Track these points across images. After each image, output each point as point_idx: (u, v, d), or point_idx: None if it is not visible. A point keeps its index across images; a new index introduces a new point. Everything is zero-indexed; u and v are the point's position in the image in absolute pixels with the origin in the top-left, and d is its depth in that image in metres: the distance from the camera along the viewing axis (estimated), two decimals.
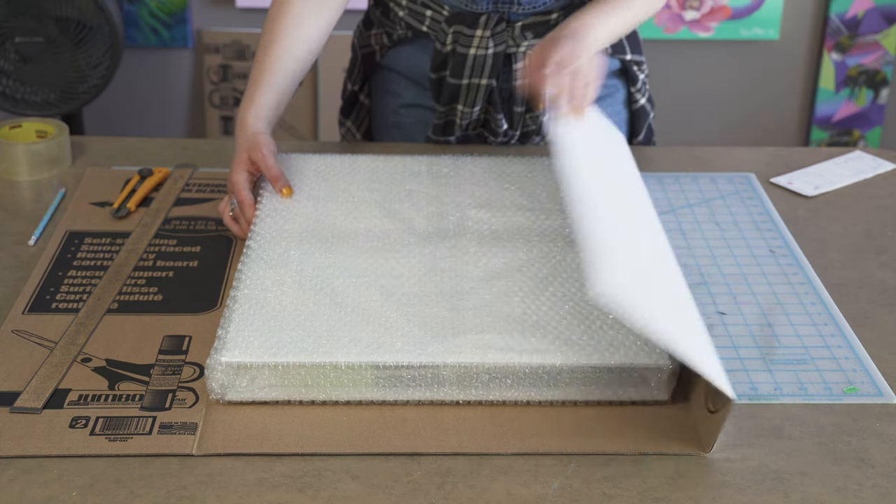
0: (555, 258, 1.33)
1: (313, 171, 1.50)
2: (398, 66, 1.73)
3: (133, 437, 1.10)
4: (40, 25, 2.69)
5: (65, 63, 2.74)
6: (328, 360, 1.15)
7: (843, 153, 1.74)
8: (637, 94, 1.75)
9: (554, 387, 1.16)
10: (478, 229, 1.39)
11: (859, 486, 1.08)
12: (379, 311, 1.22)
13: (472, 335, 1.19)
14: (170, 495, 1.04)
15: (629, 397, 1.17)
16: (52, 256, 1.40)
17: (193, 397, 1.16)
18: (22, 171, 1.61)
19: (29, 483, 1.05)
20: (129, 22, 3.12)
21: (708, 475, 1.09)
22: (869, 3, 3.12)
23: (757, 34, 3.13)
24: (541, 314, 1.22)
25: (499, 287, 1.27)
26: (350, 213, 1.41)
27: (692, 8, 3.09)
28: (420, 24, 1.66)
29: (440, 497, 1.05)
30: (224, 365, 1.14)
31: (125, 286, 1.34)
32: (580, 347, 1.17)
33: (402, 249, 1.34)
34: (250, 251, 1.32)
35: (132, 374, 1.19)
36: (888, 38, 3.17)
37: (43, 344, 1.23)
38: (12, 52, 2.71)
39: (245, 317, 1.20)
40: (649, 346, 1.17)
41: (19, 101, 2.77)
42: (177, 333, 1.26)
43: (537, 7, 1.62)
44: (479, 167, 1.54)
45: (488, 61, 1.62)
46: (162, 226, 1.47)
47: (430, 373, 1.15)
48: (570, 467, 1.09)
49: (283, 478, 1.07)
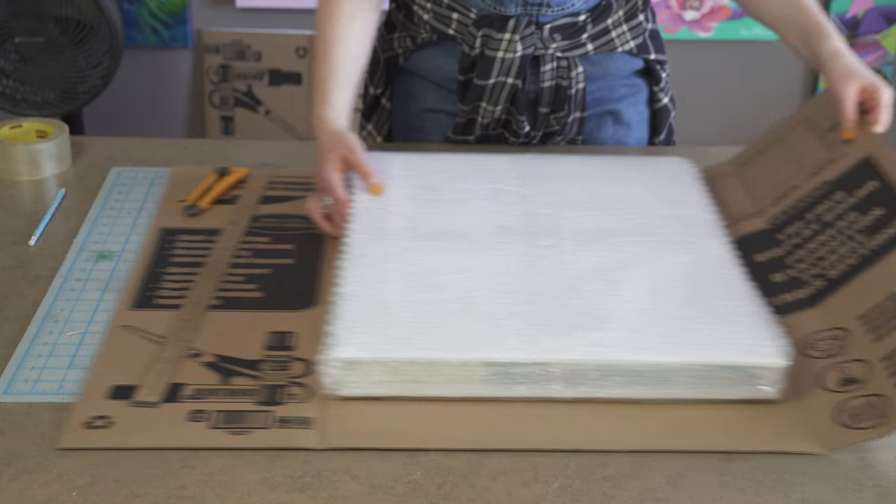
0: (652, 257, 1.32)
1: (399, 170, 1.50)
2: (422, 69, 1.72)
3: (253, 431, 1.12)
4: (40, 25, 2.69)
5: (65, 63, 2.74)
6: (440, 356, 1.15)
7: None
8: (660, 94, 1.75)
9: (664, 385, 1.16)
10: (572, 227, 1.38)
11: (859, 486, 1.08)
12: (486, 308, 1.22)
13: (582, 333, 1.18)
14: (170, 495, 1.04)
15: (740, 396, 1.17)
16: (149, 253, 1.41)
17: (306, 392, 1.17)
18: (22, 171, 1.61)
19: (29, 483, 1.05)
20: (129, 22, 3.12)
21: (708, 475, 1.09)
22: (869, 3, 3.12)
23: (757, 34, 3.13)
24: (649, 312, 1.22)
25: (603, 285, 1.27)
26: (443, 211, 1.41)
27: (692, 8, 3.09)
28: (446, 27, 1.65)
29: (440, 497, 1.05)
30: (337, 361, 1.14)
31: (224, 283, 1.36)
32: (692, 346, 1.17)
33: (501, 247, 1.34)
34: (349, 249, 1.32)
35: (243, 370, 1.20)
36: (888, 38, 3.17)
37: (151, 339, 1.25)
38: (12, 52, 2.71)
39: (353, 313, 1.20)
40: (763, 345, 1.17)
41: (19, 101, 2.77)
42: (280, 329, 1.27)
43: (566, 9, 1.61)
44: (562, 166, 1.53)
45: (516, 63, 1.61)
46: (252, 223, 1.48)
47: (540, 370, 1.15)
48: (570, 467, 1.09)
49: (283, 478, 1.07)
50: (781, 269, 1.36)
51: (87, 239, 1.46)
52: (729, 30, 3.12)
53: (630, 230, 1.38)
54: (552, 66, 1.64)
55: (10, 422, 1.13)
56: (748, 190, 1.52)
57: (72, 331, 1.28)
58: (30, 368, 1.22)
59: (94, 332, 1.28)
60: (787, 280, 1.34)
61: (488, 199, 1.45)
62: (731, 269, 1.31)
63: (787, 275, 1.34)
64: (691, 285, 1.27)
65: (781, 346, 1.17)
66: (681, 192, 1.48)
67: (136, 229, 1.49)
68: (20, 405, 1.16)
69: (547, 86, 1.65)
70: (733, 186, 1.54)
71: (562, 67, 1.64)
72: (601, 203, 1.44)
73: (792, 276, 1.34)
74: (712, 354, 1.16)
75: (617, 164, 1.55)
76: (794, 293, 1.31)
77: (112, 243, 1.46)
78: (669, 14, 3.09)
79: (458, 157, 1.54)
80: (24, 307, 1.32)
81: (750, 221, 1.46)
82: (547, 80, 1.65)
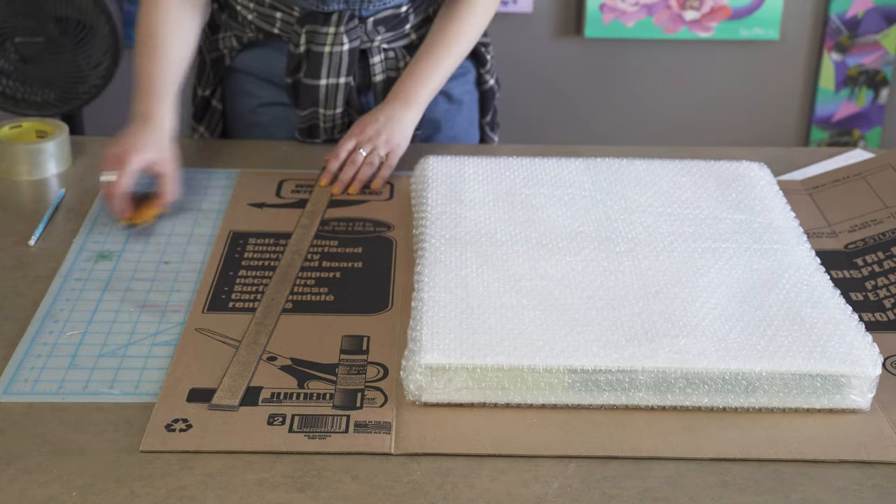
0: (731, 263, 1.31)
1: (471, 174, 1.50)
2: (251, 68, 1.74)
3: (331, 436, 1.12)
4: (40, 25, 2.69)
5: (65, 63, 2.73)
6: (526, 362, 1.14)
7: (843, 153, 1.74)
8: (486, 75, 1.82)
9: (751, 394, 1.15)
10: (648, 233, 1.38)
11: (859, 486, 1.08)
12: (569, 314, 1.22)
13: (667, 339, 1.17)
14: (170, 495, 1.04)
15: (829, 405, 1.16)
16: (220, 256, 1.41)
17: (382, 397, 1.17)
18: (22, 171, 1.61)
19: (29, 483, 1.05)
20: (129, 22, 3.12)
21: (708, 475, 1.09)
22: (869, 3, 3.12)
23: (757, 34, 3.13)
24: (732, 319, 1.21)
25: (683, 291, 1.26)
26: (519, 216, 1.41)
27: (692, 8, 3.09)
28: (271, 26, 1.67)
29: (440, 497, 1.05)
30: (423, 367, 1.14)
31: (296, 286, 1.36)
32: (780, 353, 1.16)
33: (580, 252, 1.33)
34: (426, 254, 1.32)
35: (319, 374, 1.20)
36: (888, 38, 3.17)
37: (227, 342, 1.25)
38: (12, 52, 2.71)
39: (435, 319, 1.20)
40: (854, 353, 1.15)
41: (19, 101, 2.76)
42: (354, 333, 1.27)
43: (388, 3, 1.64)
44: (636, 170, 1.52)
45: (344, 58, 1.63)
46: (320, 227, 1.48)
47: (626, 377, 1.14)
48: (570, 467, 1.09)
49: (283, 478, 1.07)
50: (859, 289, 1.35)
51: (87, 239, 1.46)
52: (729, 30, 3.12)
53: (706, 235, 1.37)
54: (380, 58, 1.68)
55: (10, 422, 1.13)
56: (822, 211, 1.51)
57: (71, 331, 1.28)
58: (29, 368, 1.22)
59: (94, 332, 1.28)
60: (865, 301, 1.33)
61: (563, 205, 1.44)
62: (816, 276, 1.29)
63: (866, 296, 1.34)
64: (775, 291, 1.26)
65: (873, 355, 1.15)
66: (758, 197, 1.46)
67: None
68: (20, 405, 1.16)
69: (379, 79, 1.69)
70: (806, 204, 1.54)
71: (390, 59, 1.69)
72: (676, 208, 1.43)
73: (871, 299, 1.33)
74: (802, 363, 1.15)
75: (691, 168, 1.53)
76: (873, 315, 1.30)
77: (112, 243, 1.46)
78: (669, 14, 3.08)
79: (530, 162, 1.54)
80: (24, 307, 1.32)
81: (823, 240, 1.45)
82: (378, 74, 1.69)
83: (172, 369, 1.20)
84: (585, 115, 3.13)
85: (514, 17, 3.01)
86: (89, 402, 1.17)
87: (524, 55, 3.02)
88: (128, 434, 1.12)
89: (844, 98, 3.23)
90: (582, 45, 3.05)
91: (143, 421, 1.14)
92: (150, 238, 1.46)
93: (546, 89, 3.08)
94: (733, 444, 1.12)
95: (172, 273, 1.39)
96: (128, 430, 1.13)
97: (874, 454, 1.11)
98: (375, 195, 1.55)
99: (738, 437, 1.13)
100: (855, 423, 1.15)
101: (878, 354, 1.16)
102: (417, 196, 1.47)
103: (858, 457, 1.11)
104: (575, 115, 3.12)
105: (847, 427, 1.14)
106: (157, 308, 1.33)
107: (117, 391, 1.18)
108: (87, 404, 1.16)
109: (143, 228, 1.47)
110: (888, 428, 1.14)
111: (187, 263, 1.41)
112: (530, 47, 3.04)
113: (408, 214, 1.50)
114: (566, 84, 3.09)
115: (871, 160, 1.60)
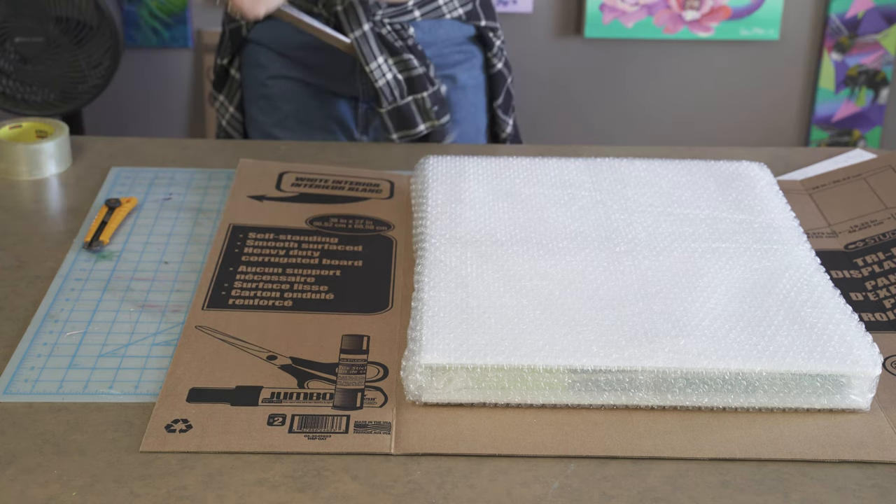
0: (731, 263, 1.31)
1: (471, 174, 1.49)
2: (264, 39, 1.82)
3: (331, 436, 1.11)
4: (40, 25, 2.69)
5: (65, 63, 2.74)
6: (526, 362, 1.14)
7: (843, 153, 1.74)
8: (494, 59, 1.85)
9: (751, 394, 1.15)
10: (648, 233, 1.37)
11: (859, 486, 1.08)
12: (569, 314, 1.21)
13: (667, 339, 1.17)
14: (170, 495, 1.04)
15: (829, 405, 1.15)
16: (220, 250, 1.41)
17: (382, 397, 1.17)
18: (22, 171, 1.61)
19: (29, 483, 1.05)
20: (129, 22, 3.12)
21: (708, 475, 1.09)
22: (869, 3, 3.12)
23: (757, 34, 3.13)
24: (732, 319, 1.21)
25: (683, 291, 1.26)
26: (518, 216, 1.40)
27: (692, 8, 3.09)
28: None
29: (440, 497, 1.05)
30: (423, 367, 1.14)
31: (296, 284, 1.35)
32: (780, 353, 1.16)
33: (580, 252, 1.33)
34: (425, 254, 1.32)
35: (319, 373, 1.20)
36: (888, 38, 3.17)
37: (227, 340, 1.25)
38: (12, 52, 2.71)
39: (435, 319, 1.20)
40: (855, 353, 1.15)
41: (19, 101, 2.77)
42: (354, 333, 1.27)
43: None
44: (635, 170, 1.52)
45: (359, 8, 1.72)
46: (321, 223, 1.48)
47: (626, 377, 1.14)
48: (570, 467, 1.09)
49: (283, 478, 1.07)
50: (859, 289, 1.35)
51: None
52: (729, 30, 3.12)
53: (706, 235, 1.37)
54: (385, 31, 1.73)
55: (9, 422, 1.13)
56: (821, 210, 1.51)
57: (72, 331, 1.28)
58: (29, 368, 1.22)
59: (94, 332, 1.28)
60: (865, 301, 1.33)
61: (563, 204, 1.43)
62: (816, 276, 1.28)
63: (866, 296, 1.33)
64: (775, 291, 1.25)
65: (874, 355, 1.15)
66: (758, 197, 1.46)
67: (137, 229, 1.49)
68: (20, 405, 1.16)
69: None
70: (805, 203, 1.53)
71: (395, 31, 1.74)
72: (676, 208, 1.43)
73: (871, 299, 1.33)
74: (802, 363, 1.14)
75: (691, 168, 1.53)
76: (873, 315, 1.30)
77: (112, 243, 1.46)
78: (669, 14, 3.09)
79: (530, 162, 1.53)
80: (23, 307, 1.32)
81: (823, 240, 1.45)
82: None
83: (172, 368, 1.20)
84: (585, 115, 3.14)
85: (514, 17, 3.01)
86: (89, 402, 1.17)
87: (524, 55, 3.02)
88: (128, 434, 1.12)
89: (844, 98, 3.23)
90: (582, 45, 3.05)
91: (143, 421, 1.14)
92: (150, 238, 1.46)
93: (546, 89, 3.09)
94: (733, 444, 1.12)
95: (172, 273, 1.39)
96: (128, 431, 1.13)
97: (874, 454, 1.11)
98: (375, 193, 1.55)
99: (738, 437, 1.13)
100: (855, 423, 1.15)
101: (878, 354, 1.16)
102: (417, 196, 1.47)
103: (858, 457, 1.11)
104: (575, 115, 3.13)
105: (847, 427, 1.14)
106: (157, 308, 1.33)
107: (117, 391, 1.19)
108: (87, 404, 1.17)
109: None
110: (888, 428, 1.14)
111: (187, 263, 1.41)
112: (530, 47, 3.04)
113: (408, 214, 1.50)
114: (566, 84, 3.10)
115: (872, 161, 1.60)
